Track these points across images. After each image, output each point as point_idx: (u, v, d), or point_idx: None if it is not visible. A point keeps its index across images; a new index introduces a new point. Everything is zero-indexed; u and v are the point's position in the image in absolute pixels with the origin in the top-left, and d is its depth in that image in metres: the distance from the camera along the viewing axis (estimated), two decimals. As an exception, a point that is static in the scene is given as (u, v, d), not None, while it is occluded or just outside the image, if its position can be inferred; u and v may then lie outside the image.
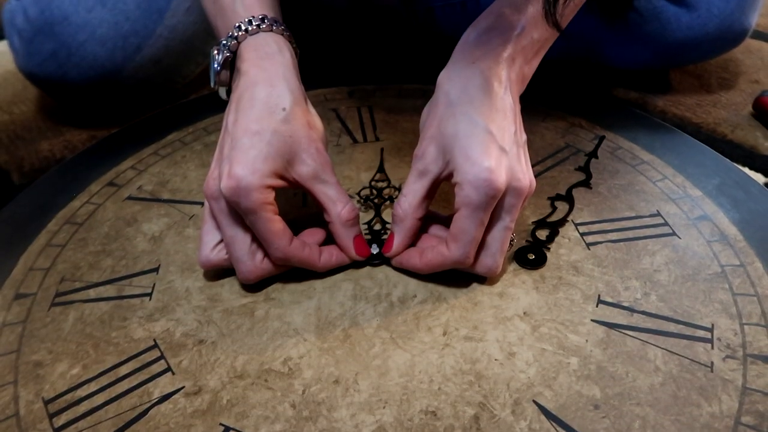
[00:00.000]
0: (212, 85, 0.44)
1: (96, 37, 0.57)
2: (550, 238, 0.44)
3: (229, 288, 0.41)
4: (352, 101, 0.63)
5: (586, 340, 0.37)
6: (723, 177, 0.50)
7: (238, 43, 0.42)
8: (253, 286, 0.41)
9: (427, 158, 0.39)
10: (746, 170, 0.54)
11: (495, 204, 0.37)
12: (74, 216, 0.48)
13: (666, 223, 0.46)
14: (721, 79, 0.69)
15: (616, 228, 0.45)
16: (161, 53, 0.60)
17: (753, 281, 0.41)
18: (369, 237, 0.45)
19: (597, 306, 0.39)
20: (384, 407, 0.34)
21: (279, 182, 0.38)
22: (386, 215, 0.47)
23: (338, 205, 0.40)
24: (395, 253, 0.41)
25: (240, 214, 0.37)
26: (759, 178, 0.53)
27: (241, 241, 0.38)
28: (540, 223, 0.46)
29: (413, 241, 0.42)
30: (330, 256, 0.41)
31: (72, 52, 0.57)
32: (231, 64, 0.43)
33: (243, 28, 0.42)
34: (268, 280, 0.41)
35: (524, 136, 0.41)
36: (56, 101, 0.65)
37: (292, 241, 0.39)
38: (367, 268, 0.43)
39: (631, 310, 0.39)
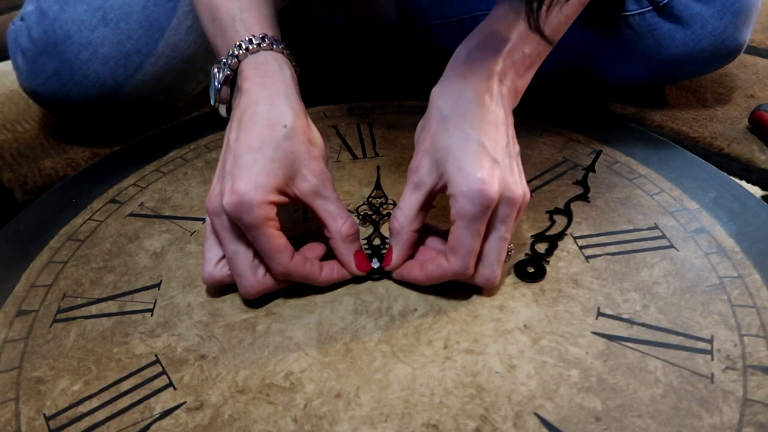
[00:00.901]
0: (213, 103, 0.45)
1: (99, 56, 0.58)
2: (549, 252, 0.45)
3: (230, 303, 0.42)
4: (351, 118, 0.64)
5: (587, 353, 0.37)
6: (720, 190, 0.51)
7: (239, 61, 0.43)
8: (254, 301, 0.41)
9: (422, 171, 0.40)
10: (743, 183, 0.54)
11: (489, 214, 0.37)
12: (76, 233, 0.49)
13: (664, 236, 0.46)
14: (716, 94, 0.70)
15: (615, 241, 0.46)
16: (163, 71, 0.61)
17: (751, 293, 0.41)
18: (369, 252, 0.45)
19: (597, 318, 0.40)
20: (386, 421, 0.34)
21: (281, 198, 0.38)
22: (384, 230, 0.47)
23: (338, 221, 0.40)
24: (395, 266, 0.42)
25: (242, 229, 0.38)
26: (756, 191, 0.54)
27: (243, 256, 0.39)
28: (539, 237, 0.46)
29: (412, 253, 0.42)
30: (331, 271, 0.41)
31: (75, 71, 0.58)
32: (231, 82, 0.44)
33: (243, 46, 0.43)
34: (269, 296, 0.41)
35: (517, 148, 0.41)
36: (59, 119, 0.66)
37: (293, 256, 0.39)
38: (368, 283, 0.43)
39: (631, 322, 0.39)
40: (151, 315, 0.41)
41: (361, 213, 0.49)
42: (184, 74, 0.63)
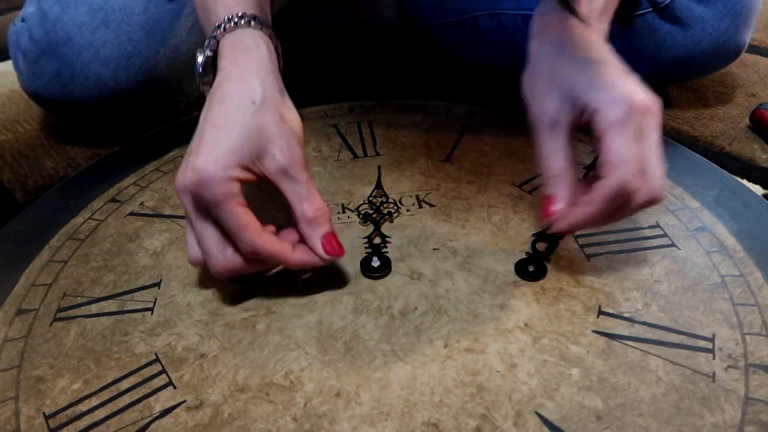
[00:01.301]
0: (199, 87, 0.44)
1: (100, 58, 0.58)
2: (550, 250, 0.45)
3: (230, 302, 0.42)
4: (352, 117, 0.64)
5: (588, 351, 0.37)
6: (721, 189, 0.51)
7: (218, 42, 0.42)
8: (254, 300, 0.41)
9: (550, 109, 0.40)
10: (744, 182, 0.54)
11: (637, 119, 0.36)
12: (76, 232, 0.49)
13: (665, 235, 0.46)
14: (718, 93, 0.70)
15: (616, 239, 0.46)
16: (164, 73, 0.61)
17: (753, 291, 0.41)
18: (369, 250, 0.45)
19: (598, 317, 0.39)
20: (386, 420, 0.34)
21: (245, 174, 0.38)
22: (385, 229, 0.47)
23: (303, 204, 0.39)
24: (565, 206, 0.39)
25: (206, 207, 0.37)
26: (757, 189, 0.54)
27: (211, 234, 0.38)
28: (539, 236, 0.46)
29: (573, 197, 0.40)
30: (303, 253, 0.39)
31: (76, 73, 0.58)
32: (213, 65, 0.43)
33: (222, 26, 0.42)
34: (269, 295, 0.41)
35: None
36: (60, 121, 0.66)
37: (261, 234, 0.38)
38: (368, 282, 0.43)
39: (632, 320, 0.39)
40: (151, 314, 0.41)
41: (362, 212, 0.49)
42: (185, 75, 0.63)
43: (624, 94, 0.36)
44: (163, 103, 0.64)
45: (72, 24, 0.57)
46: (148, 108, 0.63)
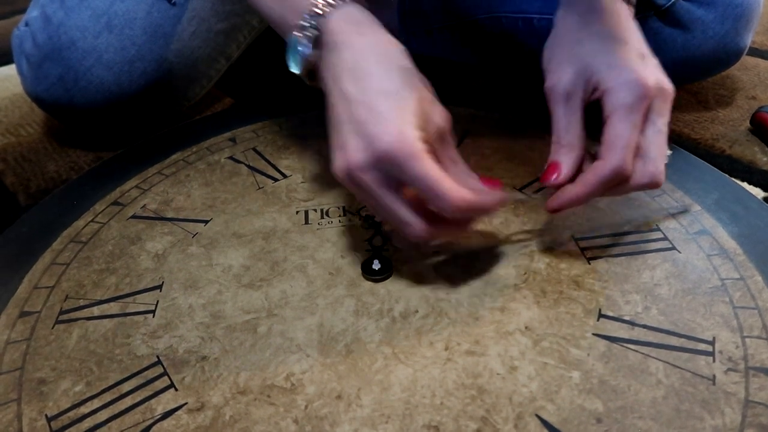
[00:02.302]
0: (298, 70, 0.42)
1: (102, 62, 0.58)
2: (384, 242, 0.45)
3: (231, 305, 0.42)
4: (353, 121, 0.64)
5: (588, 354, 0.37)
6: (721, 192, 0.51)
7: (326, 18, 0.40)
8: (256, 302, 0.41)
9: (565, 81, 0.40)
10: (744, 185, 0.54)
11: (646, 105, 0.36)
12: (79, 235, 0.49)
13: (666, 238, 0.46)
14: (718, 96, 0.70)
15: (616, 242, 0.46)
16: (167, 77, 0.61)
17: (753, 294, 0.41)
18: (370, 253, 0.45)
19: (598, 320, 0.40)
20: (386, 422, 0.34)
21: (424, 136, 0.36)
22: (386, 232, 0.48)
23: (459, 164, 0.39)
24: (565, 179, 0.40)
25: (400, 176, 0.35)
26: (757, 192, 0.54)
27: (404, 205, 0.37)
28: (375, 230, 0.46)
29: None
30: (494, 192, 0.38)
31: (79, 77, 0.58)
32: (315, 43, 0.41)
33: (323, 5, 0.40)
34: (270, 298, 0.41)
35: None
36: (62, 124, 0.66)
37: (460, 187, 0.35)
38: (369, 284, 0.43)
39: (632, 323, 0.39)
40: (153, 316, 0.41)
41: (363, 215, 0.50)
42: (187, 80, 0.63)
43: (637, 78, 0.36)
44: (165, 106, 0.64)
45: (75, 28, 0.57)
46: (150, 112, 0.63)
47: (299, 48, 0.40)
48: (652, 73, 0.37)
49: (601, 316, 0.40)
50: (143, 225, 0.50)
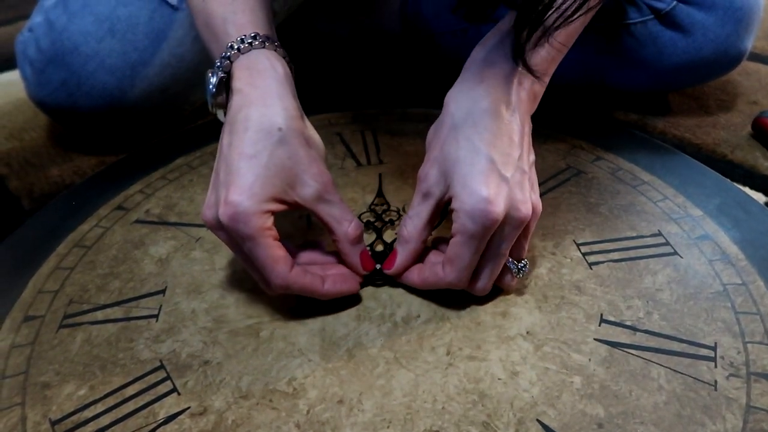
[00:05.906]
0: (210, 109, 0.43)
1: (105, 67, 0.58)
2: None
3: (234, 309, 0.42)
4: (356, 125, 0.64)
5: (590, 359, 0.37)
6: (723, 197, 0.51)
7: (231, 62, 0.41)
8: (258, 307, 0.41)
9: (430, 180, 0.40)
10: (746, 190, 0.54)
11: (491, 233, 0.37)
12: (83, 239, 0.49)
13: (667, 243, 0.46)
14: (719, 101, 0.70)
15: (618, 248, 0.46)
16: (169, 82, 0.62)
17: (755, 300, 0.41)
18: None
19: (600, 325, 0.40)
20: (388, 427, 0.34)
21: (278, 206, 0.38)
22: (387, 237, 0.48)
23: (344, 224, 0.40)
24: (396, 272, 0.42)
25: (237, 240, 0.37)
26: (759, 197, 0.54)
27: (251, 265, 0.38)
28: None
29: (415, 262, 0.42)
30: (334, 283, 0.40)
31: (82, 82, 0.58)
32: (226, 85, 0.42)
33: (235, 47, 0.41)
34: (273, 302, 0.42)
35: (532, 157, 0.40)
36: (66, 129, 0.66)
37: (292, 268, 0.38)
38: (371, 289, 0.43)
39: (634, 329, 0.39)
40: (156, 321, 0.41)
41: (364, 220, 0.50)
42: (190, 84, 0.64)
43: (485, 208, 0.35)
44: (167, 111, 0.65)
45: (78, 34, 0.58)
46: (153, 116, 0.63)
47: (209, 87, 0.42)
48: (507, 200, 0.36)
49: (602, 321, 0.40)
50: (147, 229, 0.50)
